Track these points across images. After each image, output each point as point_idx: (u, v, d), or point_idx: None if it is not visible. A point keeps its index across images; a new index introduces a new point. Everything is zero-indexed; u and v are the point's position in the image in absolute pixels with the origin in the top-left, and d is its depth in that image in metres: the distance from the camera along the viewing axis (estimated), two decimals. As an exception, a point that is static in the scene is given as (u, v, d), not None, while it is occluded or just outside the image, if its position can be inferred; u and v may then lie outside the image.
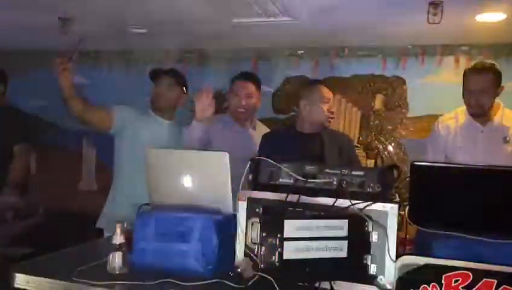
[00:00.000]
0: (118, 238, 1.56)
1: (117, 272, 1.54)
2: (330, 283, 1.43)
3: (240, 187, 1.61)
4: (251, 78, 2.58)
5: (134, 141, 2.45)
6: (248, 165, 1.64)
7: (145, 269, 1.55)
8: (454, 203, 1.49)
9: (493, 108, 2.37)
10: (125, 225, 1.60)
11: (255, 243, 1.53)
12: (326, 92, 2.41)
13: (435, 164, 1.69)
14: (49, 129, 4.88)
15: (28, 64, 4.92)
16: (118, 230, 1.56)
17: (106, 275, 1.52)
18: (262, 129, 2.69)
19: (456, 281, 1.04)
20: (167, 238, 1.58)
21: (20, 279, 1.54)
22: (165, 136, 2.51)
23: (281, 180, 1.62)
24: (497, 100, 2.38)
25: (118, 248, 1.55)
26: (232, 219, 1.60)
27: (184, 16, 3.27)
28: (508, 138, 2.33)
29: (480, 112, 2.34)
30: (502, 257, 1.38)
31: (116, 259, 1.55)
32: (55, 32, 3.42)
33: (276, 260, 1.35)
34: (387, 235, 1.44)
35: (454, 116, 2.48)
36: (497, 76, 2.32)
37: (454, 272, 1.04)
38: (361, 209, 1.47)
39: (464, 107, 2.43)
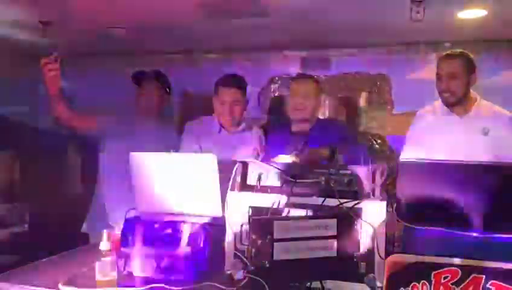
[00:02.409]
0: (106, 245, 1.53)
1: (105, 279, 1.52)
2: (321, 283, 1.44)
3: (229, 189, 1.60)
4: (236, 83, 2.48)
5: (118, 144, 2.43)
6: (236, 167, 1.63)
7: (133, 275, 1.54)
8: (441, 199, 1.50)
9: (470, 99, 2.39)
10: (115, 231, 1.58)
11: (244, 245, 1.52)
12: (294, 87, 2.47)
13: (421, 161, 1.71)
14: (32, 134, 4.79)
15: (9, 68, 4.83)
16: (105, 236, 1.54)
17: (94, 282, 1.50)
18: (253, 129, 2.66)
19: (445, 277, 1.05)
20: (155, 242, 1.57)
21: (7, 289, 1.51)
22: (151, 139, 2.49)
23: (269, 181, 1.62)
24: (474, 94, 2.42)
25: (106, 254, 1.53)
26: (221, 222, 1.60)
27: (167, 16, 3.24)
28: (486, 129, 2.35)
29: (452, 100, 2.35)
30: (489, 252, 1.41)
31: (104, 265, 1.53)
32: (36, 36, 3.36)
33: (267, 261, 1.35)
34: (376, 233, 1.45)
35: (432, 108, 2.50)
36: (468, 62, 2.34)
37: (443, 269, 1.05)
38: (349, 208, 1.47)
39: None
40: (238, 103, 2.44)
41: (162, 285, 1.45)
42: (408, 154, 2.40)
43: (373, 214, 1.47)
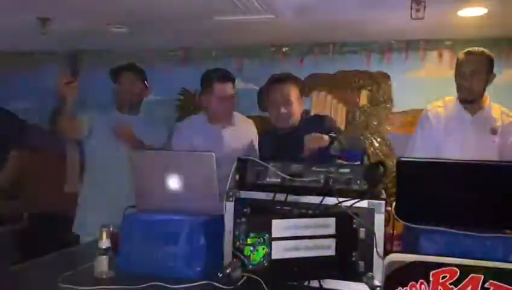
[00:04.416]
0: (104, 242, 1.53)
1: (104, 277, 1.52)
2: (319, 282, 1.43)
3: (227, 187, 1.60)
4: (229, 78, 2.42)
5: (103, 142, 2.40)
6: (235, 165, 1.63)
7: (132, 273, 1.53)
8: (441, 198, 1.50)
9: (483, 98, 2.38)
10: (111, 229, 1.58)
11: (243, 244, 1.52)
12: (272, 93, 2.30)
13: (421, 160, 1.71)
14: (32, 131, 4.78)
15: (9, 65, 4.83)
16: (104, 234, 1.54)
17: (93, 280, 1.50)
18: (243, 121, 2.62)
19: (443, 277, 1.05)
20: (154, 241, 1.57)
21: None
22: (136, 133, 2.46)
23: (268, 179, 1.61)
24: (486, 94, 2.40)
25: (104, 252, 1.53)
26: (219, 220, 1.59)
27: (166, 14, 3.23)
28: (495, 129, 2.35)
29: (470, 97, 2.33)
30: (488, 251, 1.41)
31: (102, 263, 1.52)
32: (34, 33, 3.36)
33: (265, 260, 1.34)
34: (374, 232, 1.45)
35: (443, 104, 2.46)
36: (489, 61, 2.32)
37: (441, 269, 1.05)
38: (348, 207, 1.47)
39: (453, 97, 2.44)
40: (234, 97, 2.43)
41: (161, 283, 1.45)
42: (418, 151, 2.39)
43: (372, 213, 1.46)
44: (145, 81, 2.56)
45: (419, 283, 1.06)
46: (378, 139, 4.14)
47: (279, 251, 1.35)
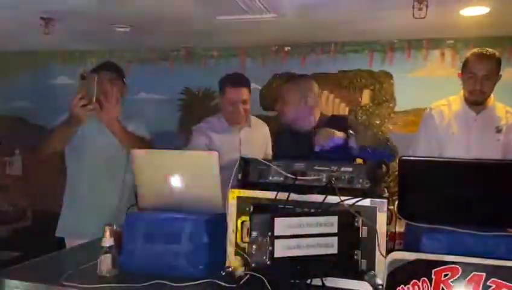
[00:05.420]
0: (107, 241, 1.54)
1: (107, 275, 1.53)
2: (321, 280, 1.44)
3: (230, 186, 1.61)
4: (244, 82, 2.49)
5: (85, 143, 2.37)
6: (237, 164, 1.63)
7: (135, 271, 1.54)
8: (443, 196, 1.50)
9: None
10: (114, 227, 1.59)
11: (245, 242, 1.52)
12: (292, 92, 2.31)
13: (423, 158, 1.71)
14: (33, 130, 4.79)
15: (9, 65, 4.85)
16: (107, 232, 1.54)
17: (96, 278, 1.51)
18: (259, 124, 2.68)
19: (445, 275, 1.05)
20: (157, 239, 1.58)
21: (9, 285, 1.51)
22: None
23: (270, 178, 1.62)
24: None
25: (108, 250, 1.53)
26: (222, 219, 1.60)
27: (168, 14, 3.24)
28: (500, 128, 2.35)
29: (481, 99, 2.34)
30: (490, 249, 1.41)
31: (105, 262, 1.53)
32: (37, 33, 3.37)
33: (267, 258, 1.35)
34: (376, 230, 1.45)
35: (447, 103, 2.46)
36: (499, 62, 2.32)
37: (443, 267, 1.05)
38: (350, 205, 1.47)
39: (457, 96, 2.44)
40: (246, 102, 2.48)
41: (164, 282, 1.45)
42: (421, 150, 2.39)
43: (374, 212, 1.46)
44: (124, 79, 2.55)
45: (421, 281, 1.06)
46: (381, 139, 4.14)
47: (282, 249, 1.35)
